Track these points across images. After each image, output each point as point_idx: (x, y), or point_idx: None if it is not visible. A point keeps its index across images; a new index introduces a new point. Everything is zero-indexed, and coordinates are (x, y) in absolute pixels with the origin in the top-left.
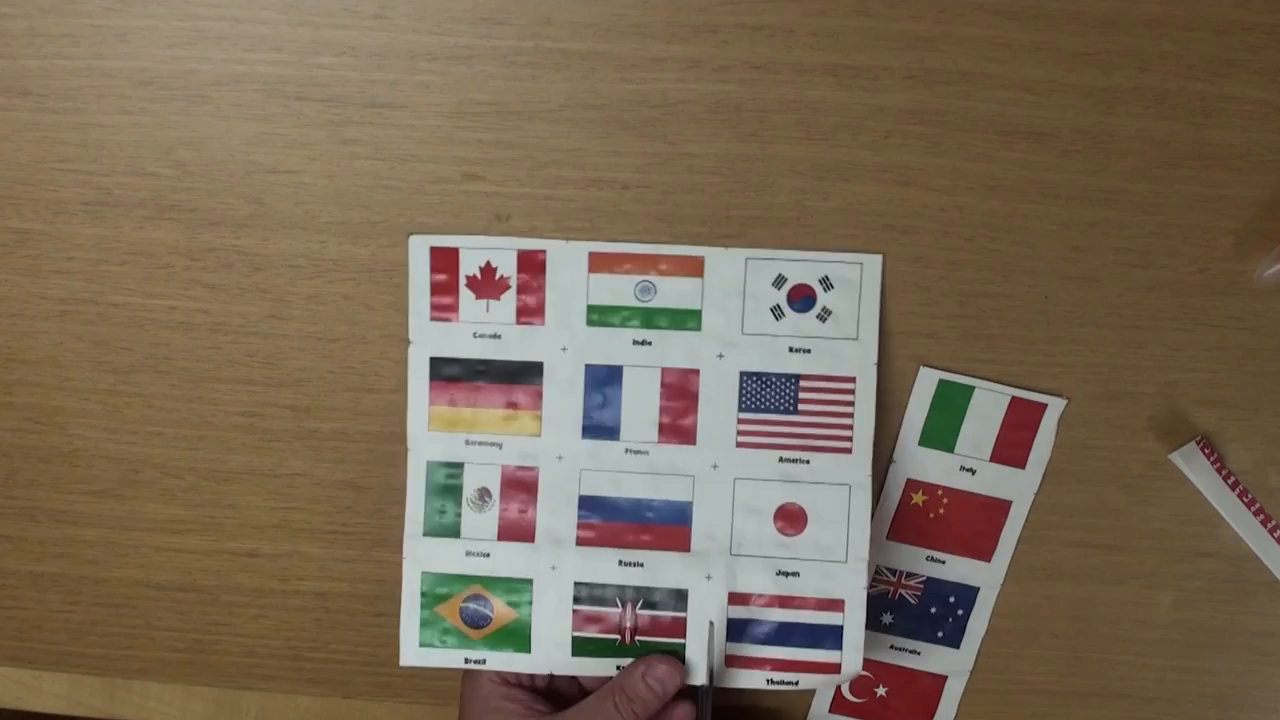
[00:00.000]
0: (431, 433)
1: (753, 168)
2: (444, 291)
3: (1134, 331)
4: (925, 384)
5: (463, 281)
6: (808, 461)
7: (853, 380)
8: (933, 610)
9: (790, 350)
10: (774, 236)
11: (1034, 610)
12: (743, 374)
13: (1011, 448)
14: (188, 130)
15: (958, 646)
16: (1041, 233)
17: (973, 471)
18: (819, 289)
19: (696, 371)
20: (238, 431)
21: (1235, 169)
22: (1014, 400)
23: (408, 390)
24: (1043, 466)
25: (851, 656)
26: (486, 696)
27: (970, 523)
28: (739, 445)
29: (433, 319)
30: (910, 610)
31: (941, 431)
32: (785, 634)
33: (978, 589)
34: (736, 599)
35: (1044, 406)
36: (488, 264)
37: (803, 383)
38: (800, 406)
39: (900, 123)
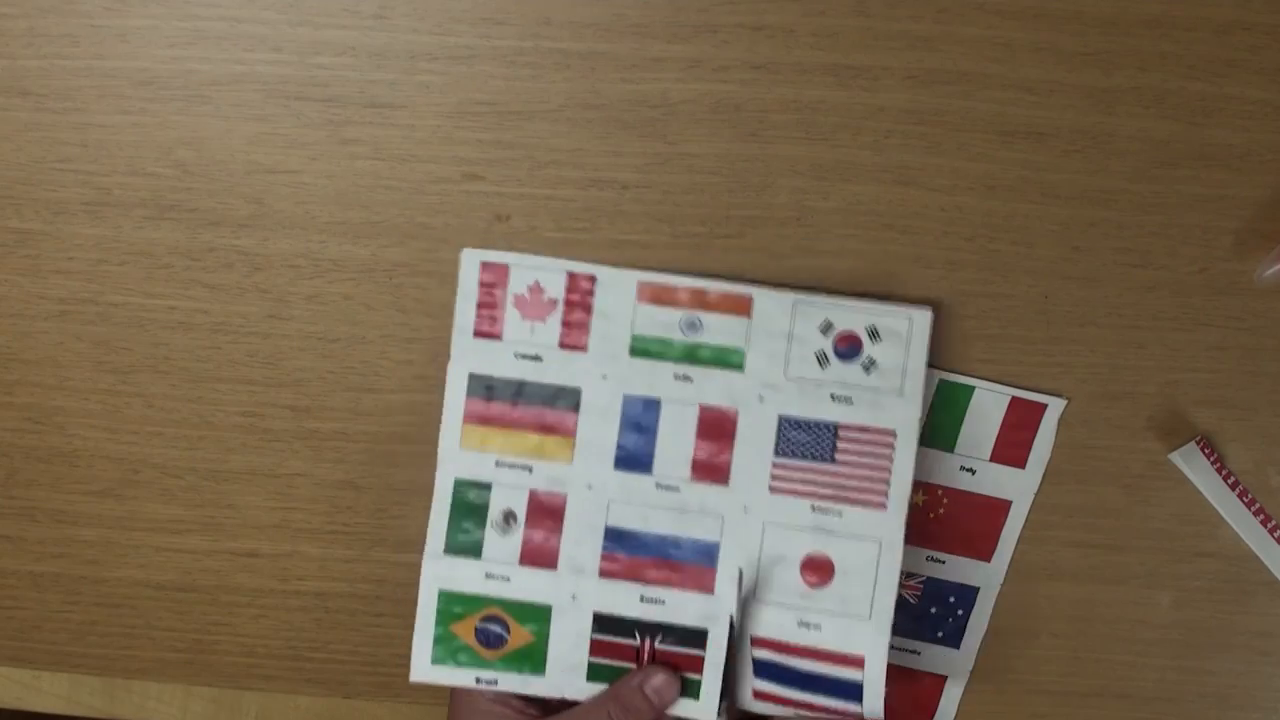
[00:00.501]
0: (463, 450)
1: (753, 168)
2: (490, 308)
3: (1134, 331)
4: (925, 384)
5: (510, 300)
6: (840, 513)
7: (893, 434)
8: (933, 610)
9: (832, 398)
10: (774, 236)
11: (1034, 610)
12: (782, 418)
13: (1011, 448)
14: (188, 130)
15: (958, 646)
16: (1041, 233)
17: (973, 471)
18: (866, 339)
19: (735, 412)
20: (238, 431)
21: (1235, 169)
22: (1014, 400)
23: (443, 404)
24: (1043, 466)
25: (872, 705)
26: (474, 699)
27: (970, 523)
28: (772, 490)
29: (476, 335)
30: (910, 610)
31: (941, 431)
32: (806, 681)
33: (978, 589)
34: (757, 643)
35: (1044, 406)
36: (536, 284)
37: (842, 432)
38: (838, 456)
39: (900, 123)
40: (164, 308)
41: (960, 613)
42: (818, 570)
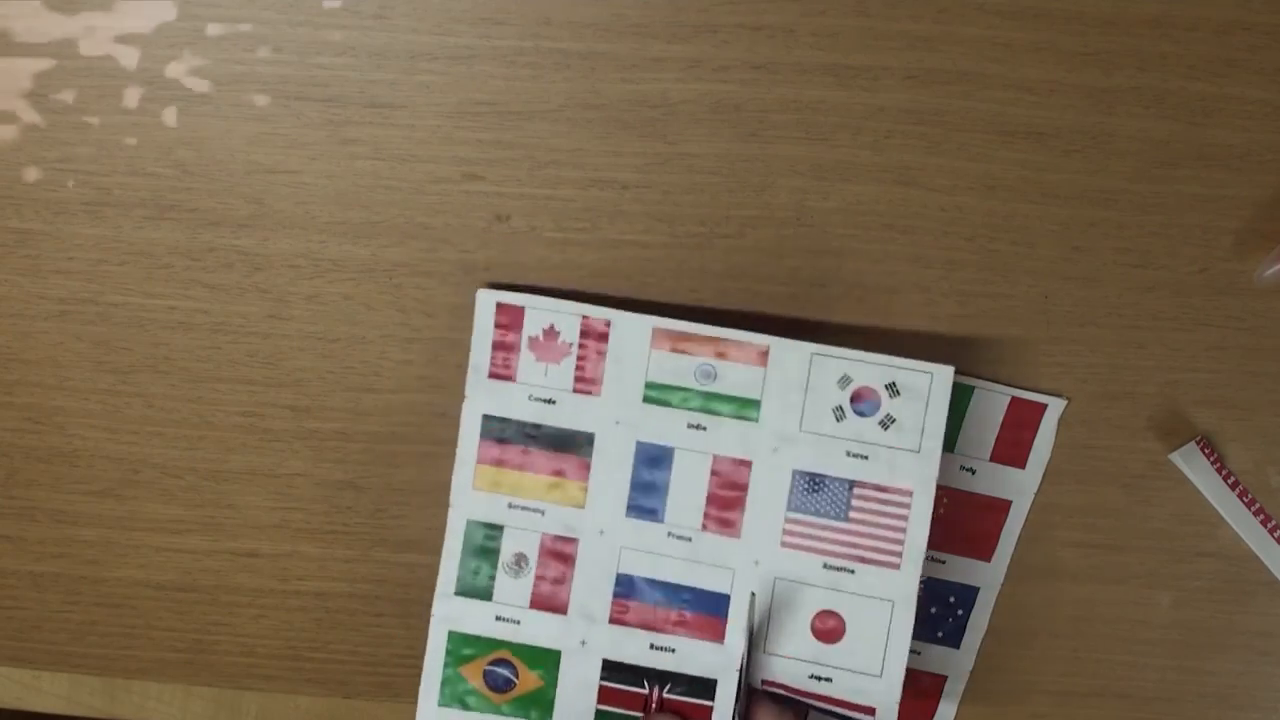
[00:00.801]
0: (475, 491)
1: (753, 168)
2: (505, 350)
3: (1134, 331)
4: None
5: (525, 342)
6: (853, 572)
7: (909, 493)
8: (933, 610)
9: (848, 454)
10: (774, 236)
11: (1034, 610)
12: (795, 473)
13: (1011, 448)
14: (188, 130)
15: (958, 646)
16: (1041, 233)
17: (973, 471)
18: (884, 394)
19: (749, 463)
20: (238, 431)
21: (1235, 169)
22: (1014, 400)
23: (457, 445)
24: (1043, 466)
25: None
26: None
27: (970, 523)
28: (784, 545)
29: (491, 377)
30: None
31: None
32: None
33: (978, 589)
34: (769, 684)
35: (1044, 406)
36: (551, 327)
37: (856, 489)
38: (851, 514)
39: (900, 123)
40: (164, 308)
41: (960, 613)
42: (829, 627)
